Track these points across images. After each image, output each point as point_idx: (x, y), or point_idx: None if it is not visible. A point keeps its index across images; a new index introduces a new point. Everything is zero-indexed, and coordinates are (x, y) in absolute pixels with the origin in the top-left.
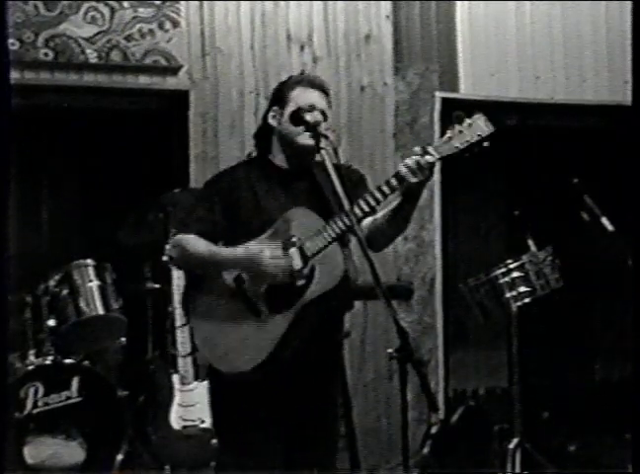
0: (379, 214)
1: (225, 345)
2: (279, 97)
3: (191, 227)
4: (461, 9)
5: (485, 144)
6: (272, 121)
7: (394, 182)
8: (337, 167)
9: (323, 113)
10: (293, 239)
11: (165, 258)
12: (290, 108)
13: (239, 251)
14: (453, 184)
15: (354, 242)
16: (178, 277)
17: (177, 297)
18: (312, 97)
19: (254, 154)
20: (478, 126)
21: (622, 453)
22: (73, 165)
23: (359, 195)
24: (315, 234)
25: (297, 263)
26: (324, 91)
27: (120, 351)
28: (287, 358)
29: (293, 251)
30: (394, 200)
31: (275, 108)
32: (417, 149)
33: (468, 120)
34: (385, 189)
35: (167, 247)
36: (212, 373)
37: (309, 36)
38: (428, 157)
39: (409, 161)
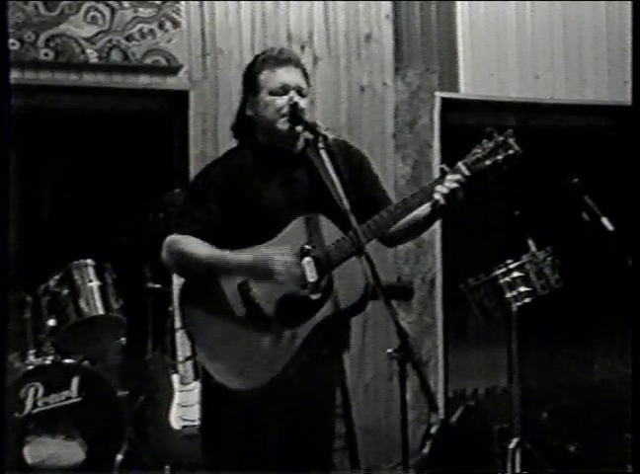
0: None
1: (229, 358)
2: (249, 84)
3: (185, 229)
4: (461, 9)
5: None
6: (249, 112)
7: (422, 197)
8: (332, 154)
9: (299, 90)
10: (307, 247)
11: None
12: (263, 94)
13: (245, 256)
14: None
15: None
16: (178, 278)
17: (177, 298)
18: (282, 75)
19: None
20: (509, 145)
21: (622, 453)
22: (73, 165)
23: (360, 179)
24: (333, 245)
25: (312, 274)
26: (294, 64)
27: (120, 351)
28: (292, 373)
29: (308, 261)
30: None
31: (249, 98)
32: (447, 170)
33: (500, 138)
34: (411, 202)
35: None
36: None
37: (309, 36)
38: (459, 176)
39: (442, 189)
